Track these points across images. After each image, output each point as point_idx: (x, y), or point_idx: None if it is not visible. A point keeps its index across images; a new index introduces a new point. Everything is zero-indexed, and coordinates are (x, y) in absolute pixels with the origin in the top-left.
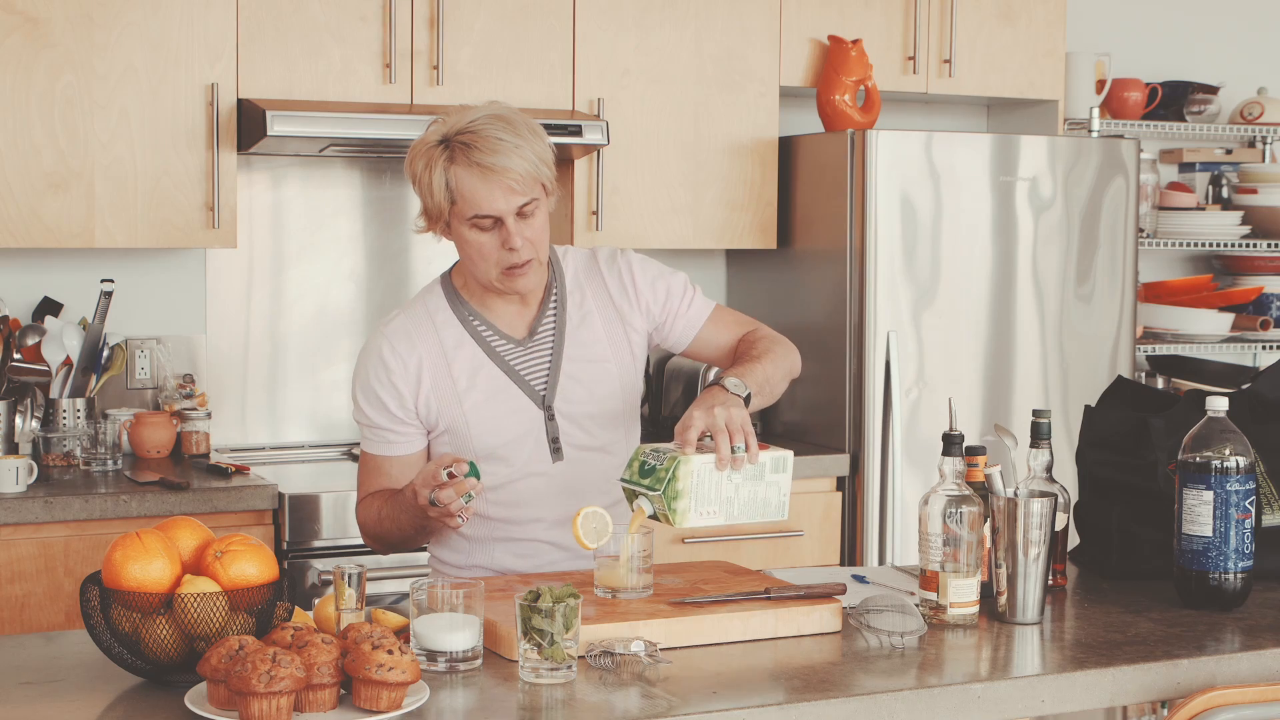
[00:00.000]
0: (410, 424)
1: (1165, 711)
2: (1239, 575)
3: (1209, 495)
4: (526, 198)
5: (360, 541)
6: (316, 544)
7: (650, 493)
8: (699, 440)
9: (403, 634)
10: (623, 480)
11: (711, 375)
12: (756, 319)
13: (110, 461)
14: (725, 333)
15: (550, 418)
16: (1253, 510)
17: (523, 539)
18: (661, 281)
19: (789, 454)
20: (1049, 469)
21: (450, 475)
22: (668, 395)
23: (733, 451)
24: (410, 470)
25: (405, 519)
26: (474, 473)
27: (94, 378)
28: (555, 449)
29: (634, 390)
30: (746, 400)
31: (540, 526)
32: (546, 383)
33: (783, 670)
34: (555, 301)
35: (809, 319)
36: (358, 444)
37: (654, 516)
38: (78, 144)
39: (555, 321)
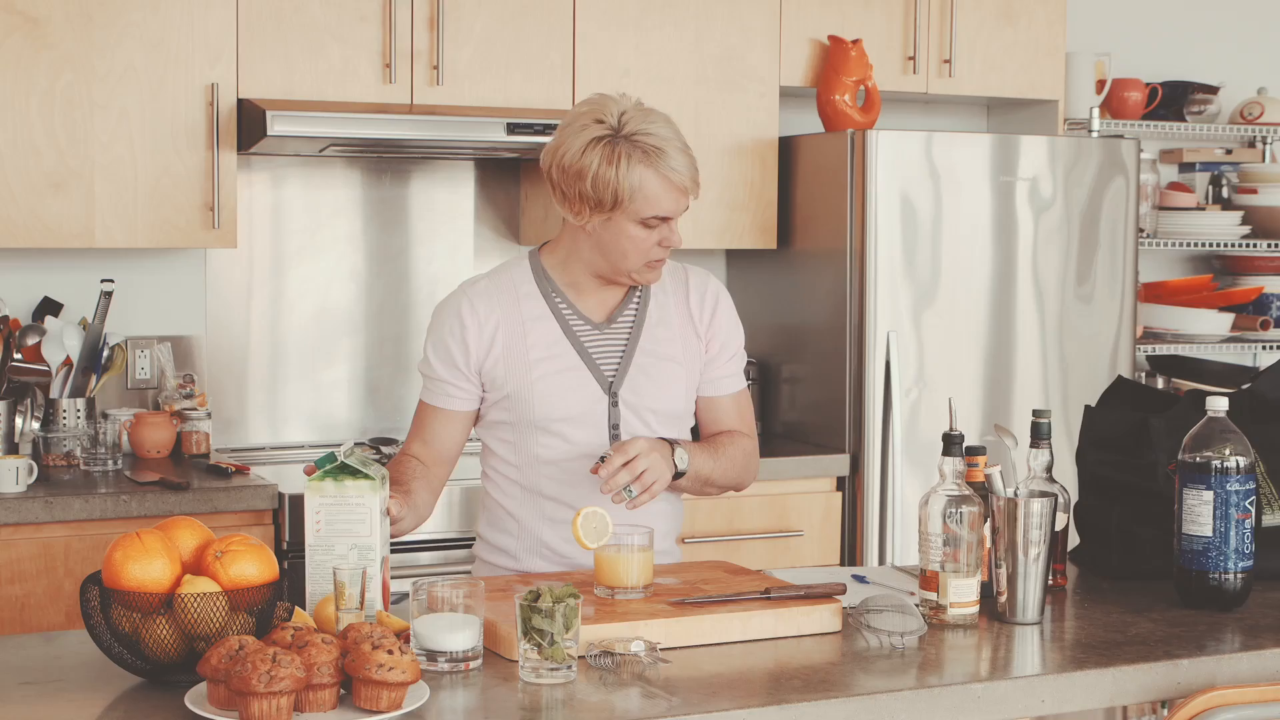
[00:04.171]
0: (470, 381)
1: (1165, 711)
2: (1239, 575)
3: (1209, 495)
4: (689, 203)
5: None
6: None
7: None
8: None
9: (403, 634)
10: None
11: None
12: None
13: (110, 461)
14: (730, 417)
15: (614, 404)
16: (1253, 510)
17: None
18: (735, 331)
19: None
20: (1049, 469)
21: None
22: None
23: (626, 492)
24: (453, 428)
25: None
26: (327, 461)
27: (94, 378)
28: (615, 434)
29: (693, 396)
30: (678, 475)
31: None
32: (617, 369)
33: (783, 670)
34: (640, 296)
35: (809, 319)
36: (357, 444)
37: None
38: (78, 144)
39: (636, 314)
